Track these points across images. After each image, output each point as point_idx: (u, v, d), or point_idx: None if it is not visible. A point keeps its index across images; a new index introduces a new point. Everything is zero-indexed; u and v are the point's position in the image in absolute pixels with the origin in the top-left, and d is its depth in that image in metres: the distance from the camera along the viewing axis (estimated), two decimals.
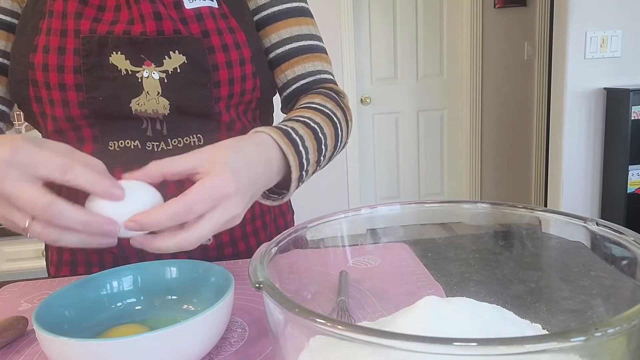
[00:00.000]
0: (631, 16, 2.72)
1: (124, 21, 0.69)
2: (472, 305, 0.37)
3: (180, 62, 0.69)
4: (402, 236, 0.50)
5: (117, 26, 0.68)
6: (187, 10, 0.71)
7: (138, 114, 0.69)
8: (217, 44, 0.71)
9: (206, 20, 0.71)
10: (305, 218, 0.44)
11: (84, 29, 0.67)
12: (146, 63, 0.68)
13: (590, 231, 0.38)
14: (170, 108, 0.69)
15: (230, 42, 0.72)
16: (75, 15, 0.68)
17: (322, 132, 0.69)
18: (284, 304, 0.28)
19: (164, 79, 0.68)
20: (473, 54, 3.53)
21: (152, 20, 0.68)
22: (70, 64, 0.66)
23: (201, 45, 0.70)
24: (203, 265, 0.57)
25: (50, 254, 0.83)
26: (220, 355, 0.50)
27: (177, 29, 0.69)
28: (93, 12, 0.69)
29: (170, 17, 0.70)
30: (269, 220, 0.84)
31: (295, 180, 0.62)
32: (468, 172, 3.74)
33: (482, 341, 0.22)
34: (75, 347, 0.41)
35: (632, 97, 2.63)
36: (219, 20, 0.72)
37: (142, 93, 0.68)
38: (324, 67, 0.82)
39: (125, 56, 0.67)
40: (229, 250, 0.78)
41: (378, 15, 3.49)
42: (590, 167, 2.89)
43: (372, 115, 3.63)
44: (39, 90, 0.67)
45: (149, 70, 0.68)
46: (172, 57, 0.69)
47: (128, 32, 0.68)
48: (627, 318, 0.24)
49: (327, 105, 0.74)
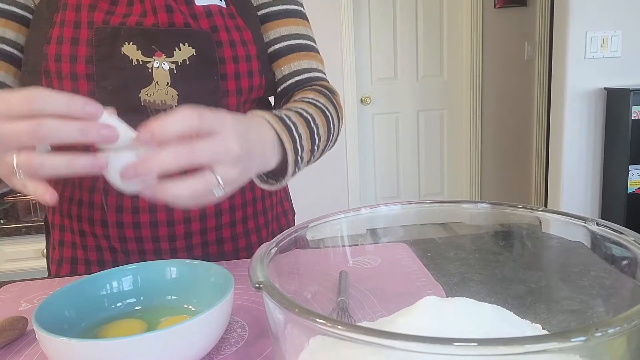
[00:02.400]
0: (631, 16, 2.72)
1: (136, 14, 0.71)
2: (472, 305, 0.37)
3: (190, 54, 0.71)
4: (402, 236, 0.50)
5: (129, 18, 0.70)
6: (197, 6, 0.74)
7: (146, 104, 0.70)
8: (225, 39, 0.73)
9: (215, 17, 0.74)
10: (306, 218, 0.44)
11: (97, 20, 0.69)
12: (157, 54, 0.70)
13: (590, 231, 0.37)
14: (179, 99, 0.71)
15: (237, 39, 0.74)
16: (89, 8, 0.70)
17: (315, 122, 0.70)
18: (284, 304, 0.28)
19: (173, 70, 0.70)
20: (473, 54, 3.53)
21: (164, 12, 0.71)
22: (82, 54, 0.68)
23: (210, 39, 0.72)
24: (203, 265, 0.57)
25: (51, 252, 0.83)
26: (220, 355, 0.50)
27: (187, 23, 0.72)
28: (106, 6, 0.71)
29: (181, 11, 0.72)
30: (271, 219, 0.85)
31: (291, 163, 0.63)
32: (468, 172, 3.74)
33: (482, 341, 0.22)
34: (75, 347, 0.41)
35: (632, 97, 2.62)
36: (227, 19, 0.75)
37: (151, 83, 0.70)
38: (318, 66, 0.84)
39: (137, 46, 0.69)
40: (229, 246, 0.79)
41: (378, 15, 3.49)
42: (590, 167, 2.89)
43: (372, 115, 3.63)
44: (50, 81, 0.68)
45: (159, 61, 0.70)
46: (182, 49, 0.71)
47: (141, 24, 0.70)
48: (627, 318, 0.24)
49: (320, 100, 0.75)
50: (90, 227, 0.75)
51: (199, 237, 0.76)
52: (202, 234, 0.76)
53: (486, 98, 3.63)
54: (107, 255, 0.76)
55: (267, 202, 0.84)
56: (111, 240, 0.74)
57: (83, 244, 0.77)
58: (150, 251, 0.74)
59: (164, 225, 0.73)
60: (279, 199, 0.89)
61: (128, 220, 0.72)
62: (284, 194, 0.92)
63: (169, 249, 0.74)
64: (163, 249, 0.74)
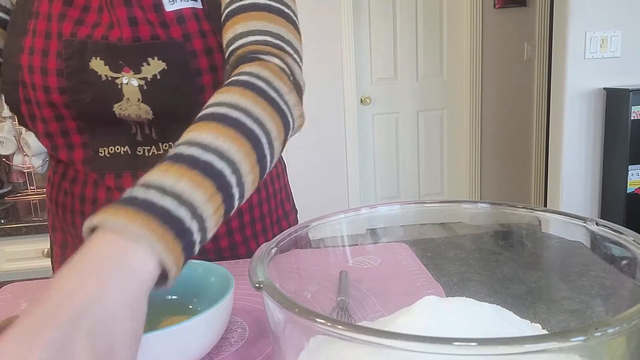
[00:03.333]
0: (631, 16, 2.72)
1: (105, 24, 0.66)
2: (472, 305, 0.37)
3: (160, 68, 0.65)
4: (402, 236, 0.50)
5: (97, 30, 0.66)
6: (167, 13, 0.67)
7: (122, 117, 0.67)
8: (200, 48, 0.67)
9: (188, 22, 0.67)
10: (306, 218, 0.44)
11: (65, 32, 0.66)
12: (125, 69, 0.65)
13: (590, 231, 0.38)
14: (154, 113, 0.67)
15: (214, 45, 0.67)
16: (59, 17, 0.66)
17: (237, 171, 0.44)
18: (284, 304, 0.28)
19: (143, 86, 0.65)
20: (473, 54, 3.53)
21: (128, 26, 0.65)
22: (53, 67, 0.65)
23: (181, 49, 0.66)
24: (203, 265, 0.57)
25: (55, 252, 0.83)
26: (220, 355, 0.50)
27: (155, 34, 0.66)
28: (77, 14, 0.67)
29: (148, 21, 0.66)
30: (269, 224, 0.83)
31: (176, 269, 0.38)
32: (468, 172, 3.74)
33: (482, 341, 0.22)
34: None
35: (632, 97, 2.62)
36: (203, 22, 0.68)
37: (122, 99, 0.66)
38: (279, 30, 0.60)
39: (105, 62, 0.65)
40: (227, 254, 0.78)
41: (378, 15, 3.49)
42: (590, 167, 2.89)
43: (372, 115, 3.62)
44: (27, 92, 0.66)
45: (128, 77, 0.65)
46: (151, 63, 0.65)
47: (106, 37, 0.65)
48: (627, 318, 0.24)
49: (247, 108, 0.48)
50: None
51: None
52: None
53: (486, 98, 3.63)
54: None
55: (264, 208, 0.81)
56: None
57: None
58: None
59: None
60: (280, 201, 0.85)
61: None
62: (284, 195, 0.87)
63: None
64: None
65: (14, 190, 2.23)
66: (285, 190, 0.89)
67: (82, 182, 0.72)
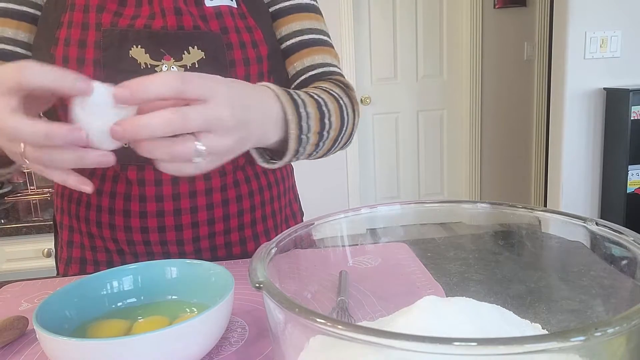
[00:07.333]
0: (631, 16, 2.73)
1: (144, 16, 0.70)
2: (472, 305, 0.37)
3: (199, 57, 0.70)
4: (402, 236, 0.50)
5: (138, 20, 0.69)
6: (207, 7, 0.72)
7: None
8: (235, 41, 0.72)
9: (225, 18, 0.72)
10: (306, 218, 0.44)
11: (105, 22, 0.68)
12: (165, 57, 0.69)
13: (590, 231, 0.38)
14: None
15: (248, 40, 0.73)
16: (97, 9, 0.69)
17: (327, 107, 0.67)
18: (284, 304, 0.28)
19: None
20: (473, 54, 3.53)
21: (173, 15, 0.70)
22: (90, 57, 0.67)
23: (220, 41, 0.71)
24: (203, 265, 0.57)
25: (59, 251, 0.83)
26: (220, 355, 0.50)
27: (197, 25, 0.70)
28: (114, 7, 0.70)
29: (191, 13, 0.71)
30: (280, 222, 0.84)
31: (294, 139, 0.59)
32: (468, 172, 3.74)
33: (482, 341, 0.22)
34: (75, 347, 0.41)
35: (632, 97, 2.63)
36: (238, 19, 0.73)
37: None
38: (333, 61, 0.81)
39: (145, 50, 0.68)
40: (237, 250, 0.78)
41: (378, 15, 3.49)
42: (590, 167, 2.89)
43: (372, 115, 3.63)
44: None
45: (168, 65, 0.69)
46: (192, 52, 0.70)
47: (149, 26, 0.69)
48: (627, 318, 0.24)
49: (335, 90, 0.73)
50: (98, 230, 0.74)
51: (207, 241, 0.75)
52: (210, 237, 0.75)
53: (486, 98, 3.63)
54: (115, 257, 0.76)
55: (275, 205, 0.83)
56: (119, 243, 0.74)
57: (92, 245, 0.76)
58: (159, 254, 0.73)
59: (172, 229, 0.72)
60: (288, 200, 0.87)
61: (136, 225, 0.72)
62: (292, 195, 0.90)
63: (177, 252, 0.74)
64: (172, 252, 0.74)
65: (14, 190, 2.23)
66: (293, 191, 0.91)
67: (99, 177, 0.73)
